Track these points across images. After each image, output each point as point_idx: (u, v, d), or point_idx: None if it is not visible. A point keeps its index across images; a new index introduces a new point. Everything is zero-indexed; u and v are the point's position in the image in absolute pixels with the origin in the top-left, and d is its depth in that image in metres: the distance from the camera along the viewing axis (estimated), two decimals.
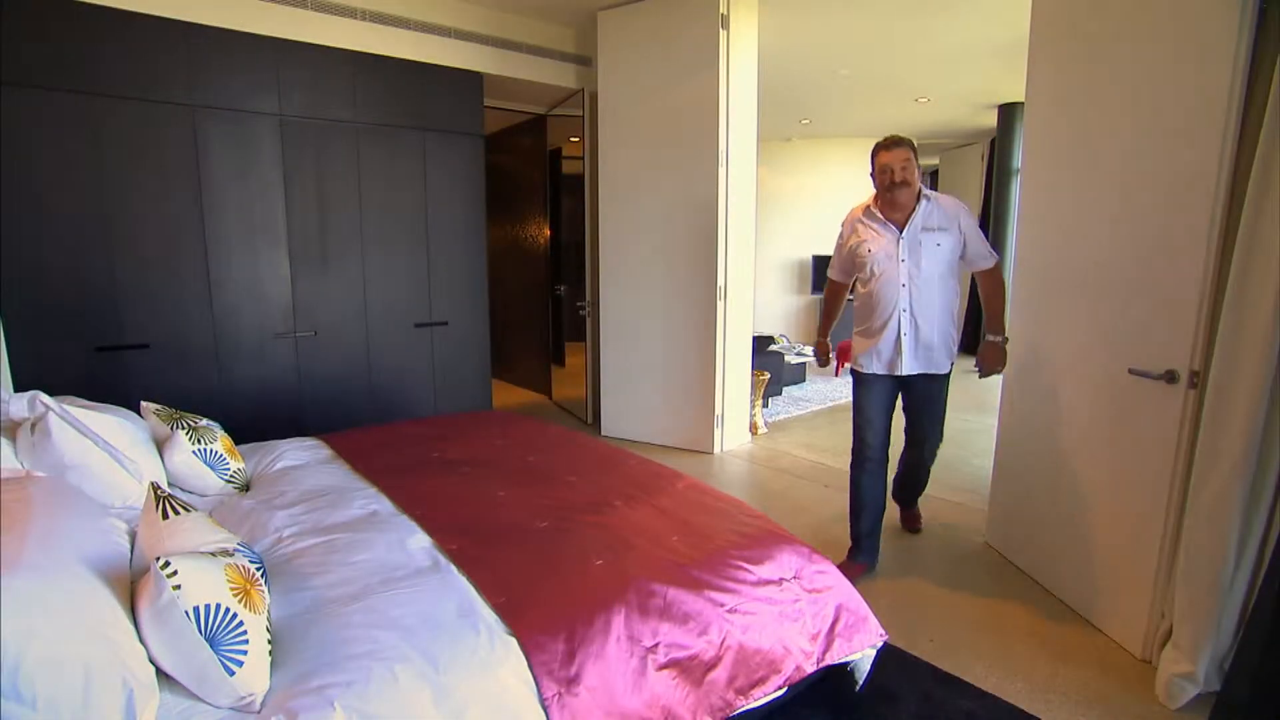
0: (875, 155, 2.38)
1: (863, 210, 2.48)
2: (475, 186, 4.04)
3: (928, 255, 2.34)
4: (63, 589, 0.99)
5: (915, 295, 2.37)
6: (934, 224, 2.35)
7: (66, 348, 2.88)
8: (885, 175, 2.33)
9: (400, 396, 3.86)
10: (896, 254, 2.36)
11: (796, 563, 1.68)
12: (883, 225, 2.39)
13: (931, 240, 2.34)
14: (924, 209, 2.36)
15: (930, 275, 2.36)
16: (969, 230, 2.40)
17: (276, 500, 1.95)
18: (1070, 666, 1.97)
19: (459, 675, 1.19)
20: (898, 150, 2.32)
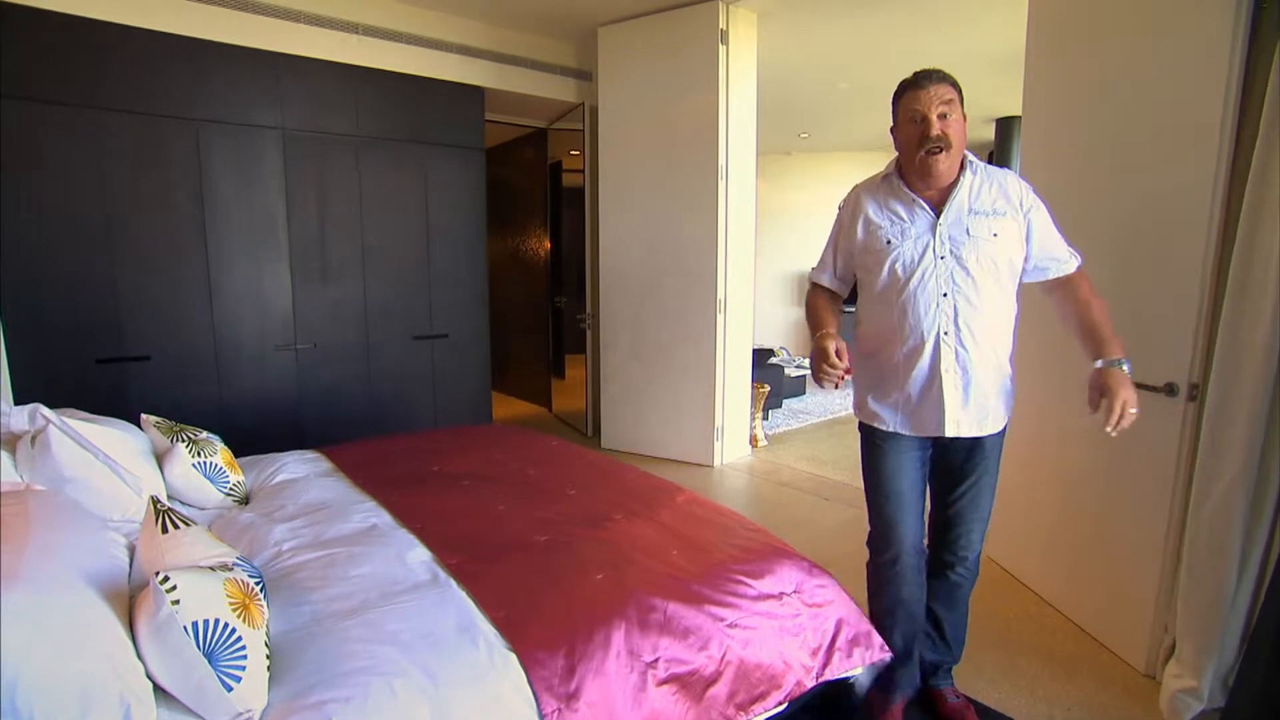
0: (899, 98, 1.61)
1: (877, 183, 1.70)
2: (476, 199, 4.06)
3: (980, 250, 1.58)
4: (61, 604, 0.99)
5: (963, 311, 1.58)
6: (987, 205, 1.60)
7: (68, 360, 2.89)
8: (917, 127, 1.54)
9: (400, 408, 3.86)
10: (933, 248, 1.59)
11: (797, 577, 1.67)
12: (909, 206, 1.62)
13: (985, 228, 1.58)
14: (971, 182, 1.60)
15: (984, 281, 1.59)
16: (1039, 219, 1.63)
17: (276, 513, 1.95)
18: (1074, 682, 1.96)
19: (458, 690, 1.18)
20: (936, 87, 1.53)
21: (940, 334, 1.60)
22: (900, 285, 1.62)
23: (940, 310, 1.59)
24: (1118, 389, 1.46)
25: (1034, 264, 1.66)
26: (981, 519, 1.74)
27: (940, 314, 1.59)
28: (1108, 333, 1.57)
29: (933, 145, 1.53)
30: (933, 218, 1.61)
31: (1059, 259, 1.66)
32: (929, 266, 1.60)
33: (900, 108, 1.62)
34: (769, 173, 7.78)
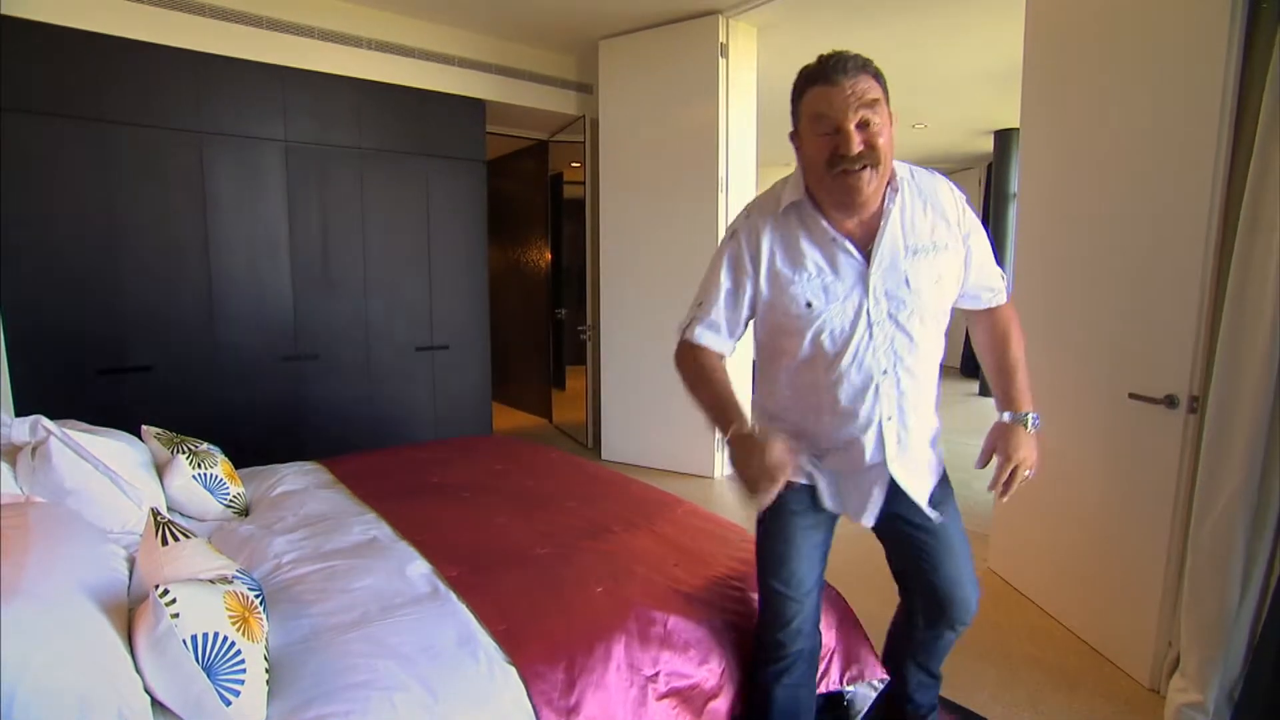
0: (801, 95, 1.19)
1: (780, 210, 1.25)
2: (477, 211, 4.08)
3: (924, 305, 1.23)
4: (60, 617, 0.99)
5: (907, 388, 1.26)
6: (925, 237, 1.23)
7: (70, 370, 2.90)
8: (828, 139, 1.14)
9: (401, 420, 3.86)
10: (867, 310, 1.21)
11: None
12: (828, 248, 1.22)
13: (928, 273, 1.22)
14: (903, 207, 1.22)
15: (928, 342, 1.27)
16: (978, 242, 1.31)
17: (276, 525, 1.94)
18: (1077, 695, 1.95)
19: (457, 705, 1.18)
20: (853, 82, 1.12)
21: (883, 420, 1.26)
22: (828, 362, 1.24)
23: (882, 393, 1.25)
24: (1015, 449, 1.26)
25: (966, 293, 1.35)
26: (968, 558, 1.40)
27: (882, 397, 1.25)
28: (1021, 381, 1.34)
29: (851, 165, 1.12)
30: (861, 264, 1.21)
31: (994, 288, 1.38)
32: (863, 338, 1.22)
33: (803, 110, 1.18)
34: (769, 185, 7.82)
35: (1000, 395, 1.37)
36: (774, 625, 1.38)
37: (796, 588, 1.34)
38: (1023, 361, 1.38)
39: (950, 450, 1.43)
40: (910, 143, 6.86)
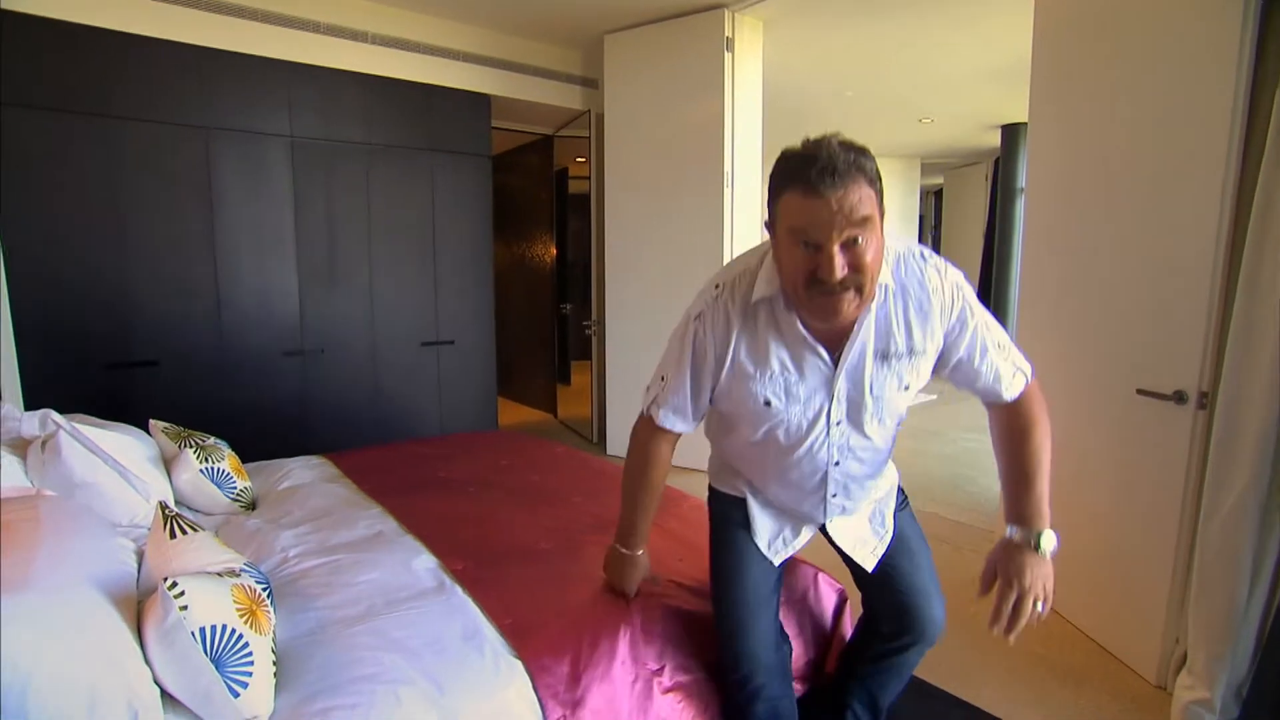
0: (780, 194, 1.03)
1: (751, 304, 1.16)
2: (482, 206, 4.08)
3: (884, 409, 1.20)
4: (70, 609, 1.00)
5: (855, 472, 1.26)
6: (900, 343, 1.14)
7: (78, 365, 2.91)
8: (806, 255, 1.01)
9: (406, 414, 3.86)
10: (827, 413, 1.18)
11: (802, 584, 1.67)
12: (798, 350, 1.15)
13: (894, 381, 1.17)
14: (879, 312, 1.12)
15: (882, 437, 1.25)
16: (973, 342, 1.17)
17: (283, 519, 1.95)
18: (1083, 692, 1.94)
19: (463, 698, 1.18)
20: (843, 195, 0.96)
21: (827, 497, 1.28)
22: (779, 450, 1.23)
23: (830, 478, 1.25)
24: (1020, 574, 1.07)
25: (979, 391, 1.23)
26: (933, 575, 1.37)
27: (830, 480, 1.26)
28: (1038, 492, 1.14)
29: (830, 290, 1.01)
30: (829, 369, 1.15)
31: (1009, 383, 1.20)
32: (819, 436, 1.20)
33: (781, 212, 1.03)
34: None
35: (1010, 506, 1.17)
36: (734, 638, 1.31)
37: (750, 596, 1.31)
38: (1045, 468, 1.16)
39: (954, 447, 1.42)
40: (916, 138, 6.83)
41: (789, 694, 1.38)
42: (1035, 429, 1.19)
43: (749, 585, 1.31)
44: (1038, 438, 1.18)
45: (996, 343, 1.18)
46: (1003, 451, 1.22)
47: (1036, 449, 1.17)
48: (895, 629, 1.36)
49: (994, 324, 1.19)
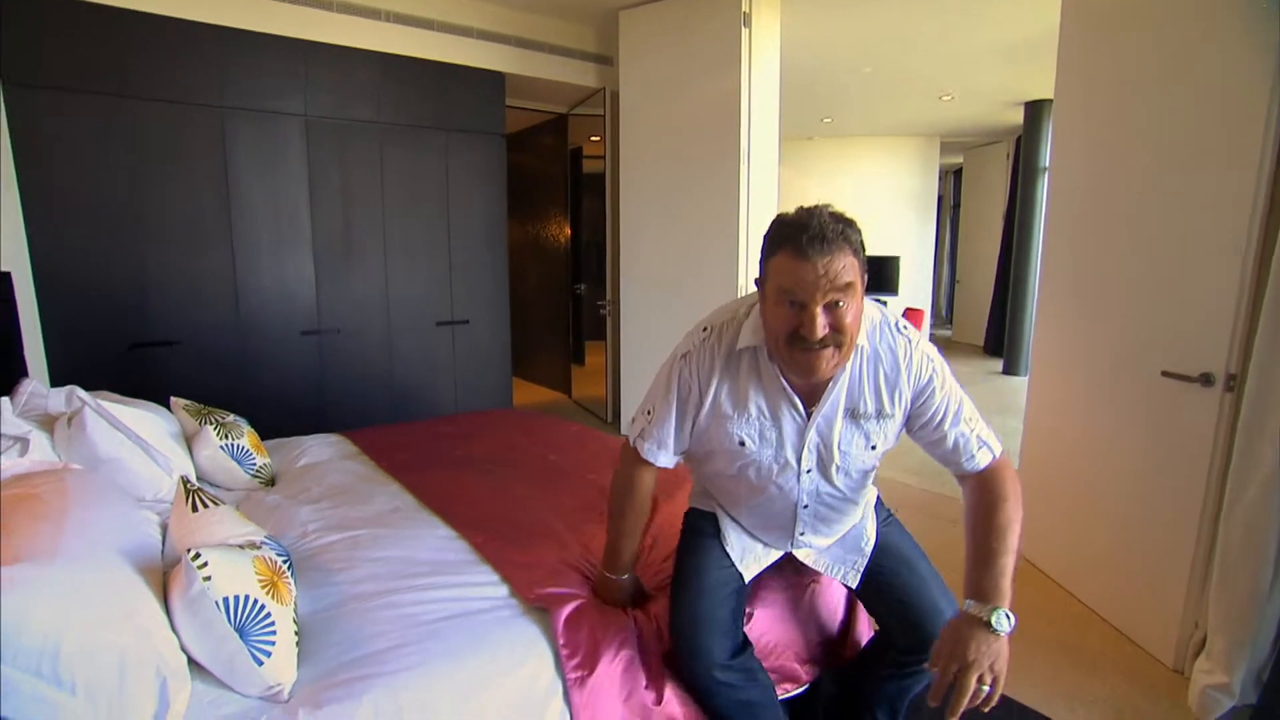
0: (772, 254, 1.14)
1: (736, 351, 1.25)
2: (497, 186, 4.06)
3: (852, 465, 1.27)
4: (99, 578, 1.02)
5: (825, 516, 1.34)
6: (870, 405, 1.22)
7: (102, 345, 2.95)
8: (791, 313, 1.11)
9: (421, 394, 3.89)
10: (797, 456, 1.26)
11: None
12: (775, 400, 1.23)
13: (862, 441, 1.25)
14: (853, 373, 1.21)
15: (851, 494, 1.33)
16: (937, 409, 1.23)
17: (301, 495, 1.98)
18: (1098, 675, 1.93)
19: (484, 669, 1.20)
20: (828, 261, 1.06)
21: (796, 534, 1.36)
22: (750, 487, 1.31)
23: (798, 518, 1.33)
24: (968, 649, 1.02)
25: (943, 457, 1.27)
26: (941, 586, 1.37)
27: (798, 520, 1.33)
28: (1000, 569, 1.11)
29: (810, 347, 1.10)
30: (801, 421, 1.23)
31: (970, 454, 1.24)
32: (789, 481, 1.28)
33: (771, 272, 1.12)
34: (790, 158, 7.69)
35: (970, 580, 1.14)
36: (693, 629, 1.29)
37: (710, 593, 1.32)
38: (1010, 545, 1.14)
39: None
40: (936, 116, 6.69)
41: (759, 683, 1.33)
42: (1004, 505, 1.19)
43: (710, 584, 1.33)
44: (1005, 513, 1.18)
45: (965, 416, 1.24)
46: (969, 525, 1.22)
47: (1002, 526, 1.17)
48: (910, 644, 1.32)
49: (965, 399, 1.26)
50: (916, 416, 1.25)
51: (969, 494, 1.27)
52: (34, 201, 2.75)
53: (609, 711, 1.25)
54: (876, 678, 1.42)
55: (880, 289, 7.55)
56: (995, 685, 1.03)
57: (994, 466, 1.25)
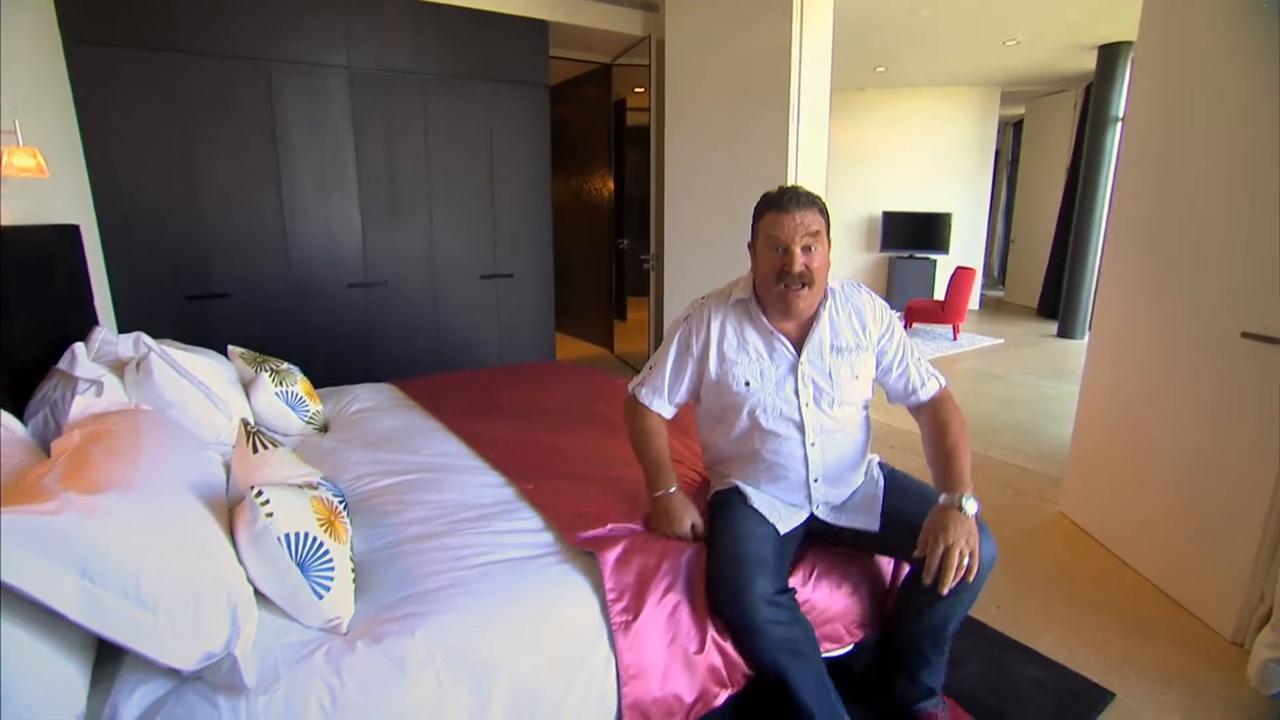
0: (761, 216, 1.46)
1: (729, 304, 1.51)
2: (540, 138, 4.02)
3: (844, 395, 1.47)
4: (173, 510, 1.07)
5: (830, 457, 1.49)
6: (850, 339, 1.48)
7: (160, 296, 3.05)
8: (777, 256, 1.40)
9: (466, 346, 3.95)
10: (794, 394, 1.46)
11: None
12: (768, 339, 1.47)
13: (848, 369, 1.47)
14: (832, 315, 1.48)
15: (849, 423, 1.50)
16: (894, 348, 1.51)
17: (354, 441, 2.04)
18: (1150, 643, 1.89)
19: (532, 608, 1.23)
20: (803, 214, 1.39)
21: (810, 481, 1.49)
22: (761, 434, 1.48)
23: (809, 460, 1.48)
24: (943, 530, 1.25)
25: (893, 392, 1.55)
26: None
27: (810, 464, 1.48)
28: (959, 465, 1.38)
29: (793, 281, 1.38)
30: (794, 357, 1.47)
31: (918, 386, 1.52)
32: (792, 417, 1.47)
33: (761, 228, 1.46)
34: (840, 110, 7.39)
35: (937, 479, 1.42)
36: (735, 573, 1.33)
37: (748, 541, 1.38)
38: (962, 447, 1.42)
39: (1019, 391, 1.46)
40: (998, 63, 6.30)
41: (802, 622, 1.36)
42: (952, 424, 1.47)
43: (747, 532, 1.40)
44: (955, 429, 1.46)
45: (916, 356, 1.54)
46: (930, 443, 1.49)
47: (955, 437, 1.45)
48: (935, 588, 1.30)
49: (912, 344, 1.55)
50: (882, 355, 1.52)
51: (925, 421, 1.53)
52: (96, 156, 2.83)
53: (653, 657, 1.27)
54: (915, 613, 1.43)
55: (929, 247, 7.29)
56: (973, 558, 1.27)
57: (941, 395, 1.53)
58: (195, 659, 0.95)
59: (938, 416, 1.50)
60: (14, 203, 2.01)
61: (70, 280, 2.31)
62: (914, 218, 7.39)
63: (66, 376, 1.67)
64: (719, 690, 1.33)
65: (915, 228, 7.38)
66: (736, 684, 1.36)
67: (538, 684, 1.18)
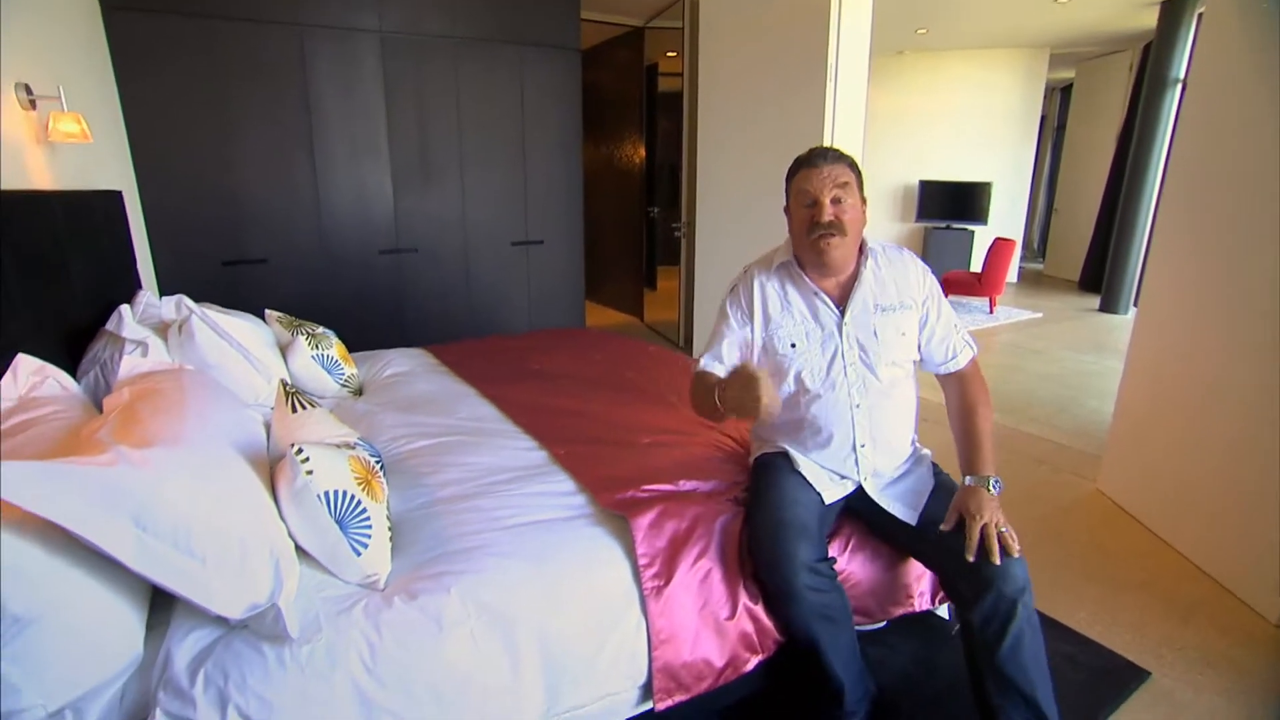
0: (792, 176, 1.47)
1: (772, 268, 1.52)
2: (572, 103, 3.96)
3: (890, 354, 1.45)
4: (218, 465, 1.09)
5: (877, 420, 1.46)
6: (893, 298, 1.46)
7: (198, 262, 3.11)
8: (807, 210, 1.41)
9: (496, 313, 3.97)
10: (842, 354, 1.44)
11: None
12: (810, 299, 1.47)
13: (893, 327, 1.45)
14: (874, 272, 1.47)
15: (894, 394, 1.47)
16: (936, 308, 1.49)
17: (389, 404, 2.07)
18: (1190, 624, 1.85)
19: (565, 569, 1.25)
20: (830, 168, 1.39)
21: (857, 446, 1.46)
22: (809, 398, 1.47)
23: (855, 423, 1.45)
24: (980, 509, 1.29)
25: (929, 358, 1.53)
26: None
27: (856, 427, 1.45)
28: (986, 450, 1.42)
29: (823, 231, 1.39)
30: (837, 316, 1.46)
31: (954, 355, 1.52)
32: (839, 377, 1.45)
33: (792, 187, 1.47)
34: (878, 75, 7.13)
35: (964, 460, 1.44)
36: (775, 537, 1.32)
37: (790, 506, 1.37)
38: (989, 429, 1.46)
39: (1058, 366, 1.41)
40: (1049, 22, 6.00)
41: (840, 590, 1.36)
42: (981, 404, 1.49)
43: (790, 498, 1.39)
44: (983, 409, 1.48)
45: (954, 322, 1.52)
46: (958, 419, 1.51)
47: (983, 419, 1.47)
48: (974, 588, 1.26)
49: (951, 309, 1.53)
50: (924, 319, 1.49)
51: (953, 392, 1.53)
52: (136, 123, 2.87)
53: (684, 622, 1.28)
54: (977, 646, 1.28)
55: (967, 217, 7.07)
56: (1006, 525, 1.28)
57: (972, 367, 1.53)
58: (242, 608, 0.98)
59: (967, 391, 1.50)
60: (60, 168, 2.05)
61: (114, 245, 2.36)
62: (952, 187, 7.16)
63: (114, 337, 1.71)
64: (749, 656, 1.34)
65: (953, 197, 7.16)
66: (767, 650, 1.36)
67: (570, 643, 1.20)
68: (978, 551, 1.25)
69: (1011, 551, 1.25)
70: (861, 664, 1.38)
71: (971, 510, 1.29)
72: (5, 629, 0.81)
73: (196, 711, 0.95)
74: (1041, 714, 1.24)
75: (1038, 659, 1.25)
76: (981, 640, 1.26)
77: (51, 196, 1.79)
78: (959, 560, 1.27)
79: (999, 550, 1.24)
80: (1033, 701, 1.23)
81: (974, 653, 1.29)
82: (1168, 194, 2.35)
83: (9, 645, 0.82)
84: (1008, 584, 1.24)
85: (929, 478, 1.49)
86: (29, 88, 1.87)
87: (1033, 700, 1.23)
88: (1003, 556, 1.24)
